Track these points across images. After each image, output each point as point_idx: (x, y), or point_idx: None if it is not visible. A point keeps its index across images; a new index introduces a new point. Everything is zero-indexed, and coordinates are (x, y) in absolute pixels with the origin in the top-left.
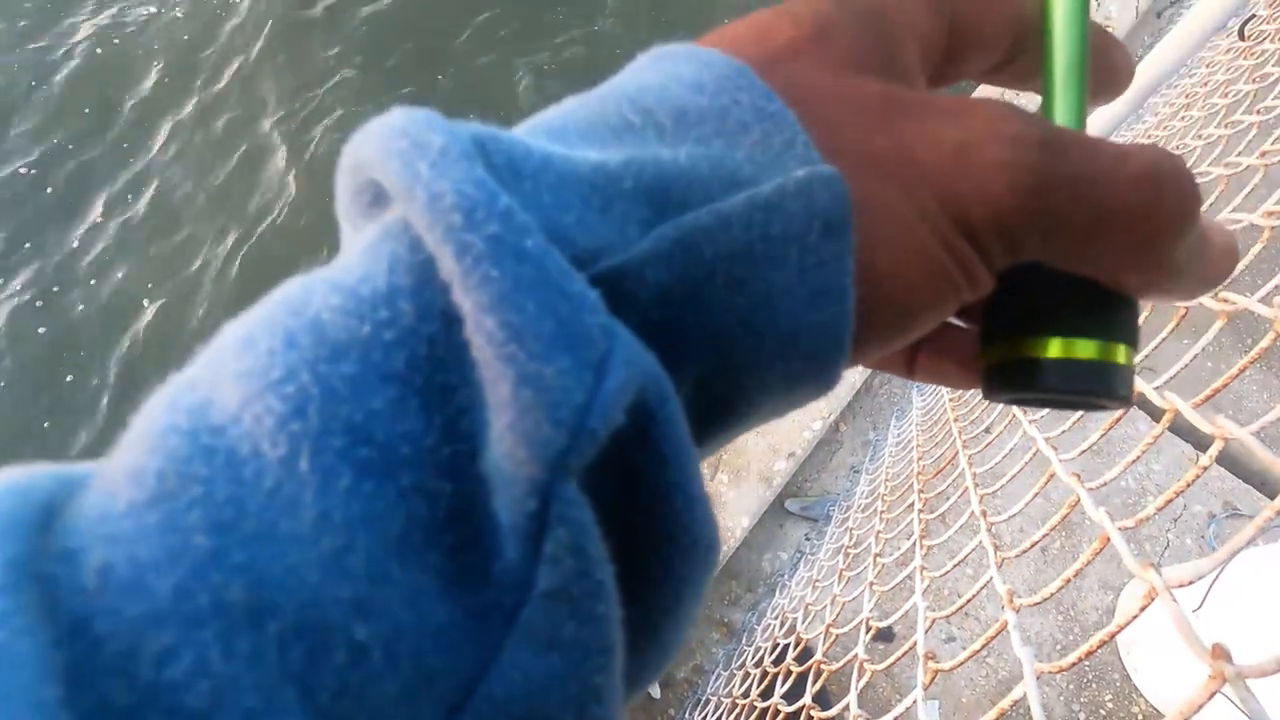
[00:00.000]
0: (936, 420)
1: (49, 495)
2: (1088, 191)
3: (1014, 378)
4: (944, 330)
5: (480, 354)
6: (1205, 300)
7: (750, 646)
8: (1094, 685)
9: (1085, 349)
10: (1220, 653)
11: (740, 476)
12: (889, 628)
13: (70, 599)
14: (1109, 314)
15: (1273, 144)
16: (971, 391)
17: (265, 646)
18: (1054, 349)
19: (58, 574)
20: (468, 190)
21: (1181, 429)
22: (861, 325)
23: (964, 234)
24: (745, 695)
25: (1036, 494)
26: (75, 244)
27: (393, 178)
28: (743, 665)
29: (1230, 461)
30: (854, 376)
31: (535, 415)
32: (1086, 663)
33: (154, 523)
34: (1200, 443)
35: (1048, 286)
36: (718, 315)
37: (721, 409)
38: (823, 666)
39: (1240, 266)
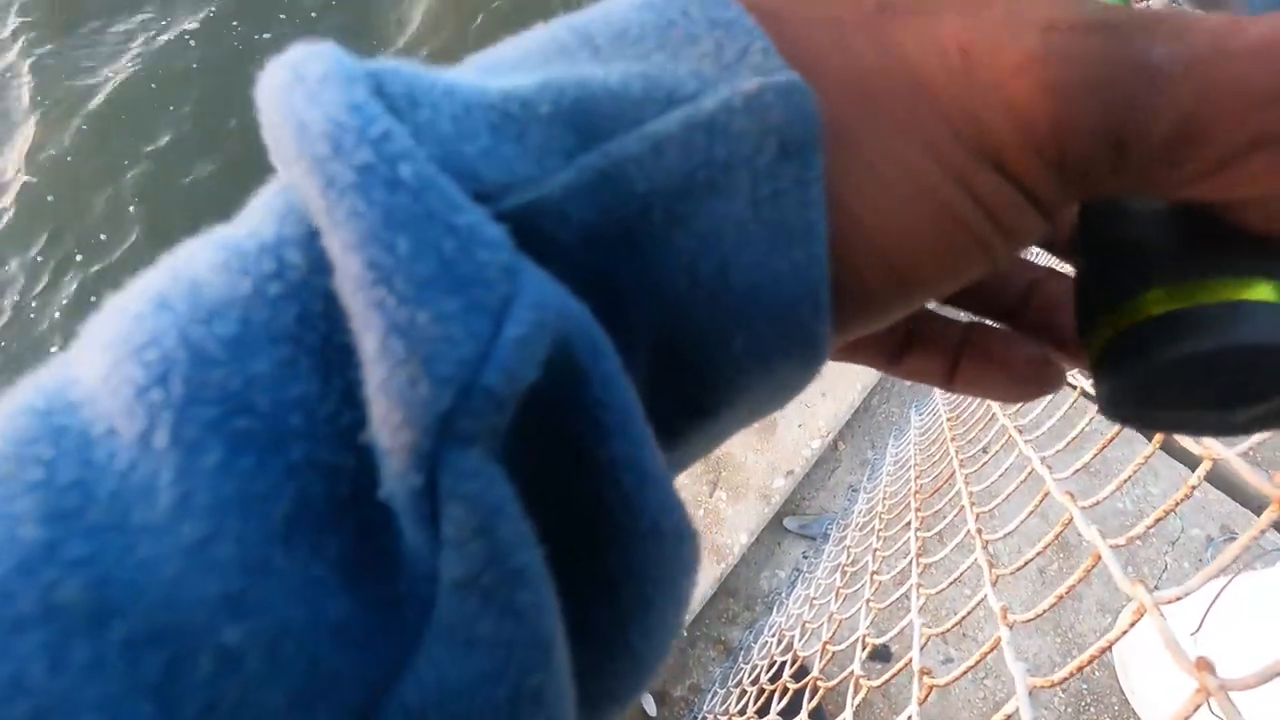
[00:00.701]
0: (934, 439)
1: None
2: (1182, 75)
3: (1174, 338)
4: (987, 333)
5: (350, 303)
6: None
7: (747, 664)
8: (1092, 708)
9: (1263, 291)
10: (1205, 665)
11: (739, 493)
12: (886, 647)
13: None
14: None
15: None
16: (969, 410)
17: (109, 655)
18: (1230, 291)
19: None
20: (339, 117)
21: (1176, 452)
22: (848, 285)
23: (993, 166)
24: (742, 713)
25: (1031, 512)
26: None
27: (270, 113)
28: (739, 683)
29: (1227, 485)
30: (852, 395)
31: (408, 370)
32: (1084, 685)
33: None
34: (1193, 465)
35: (1165, 223)
36: (659, 262)
37: (694, 389)
38: (819, 683)
39: None
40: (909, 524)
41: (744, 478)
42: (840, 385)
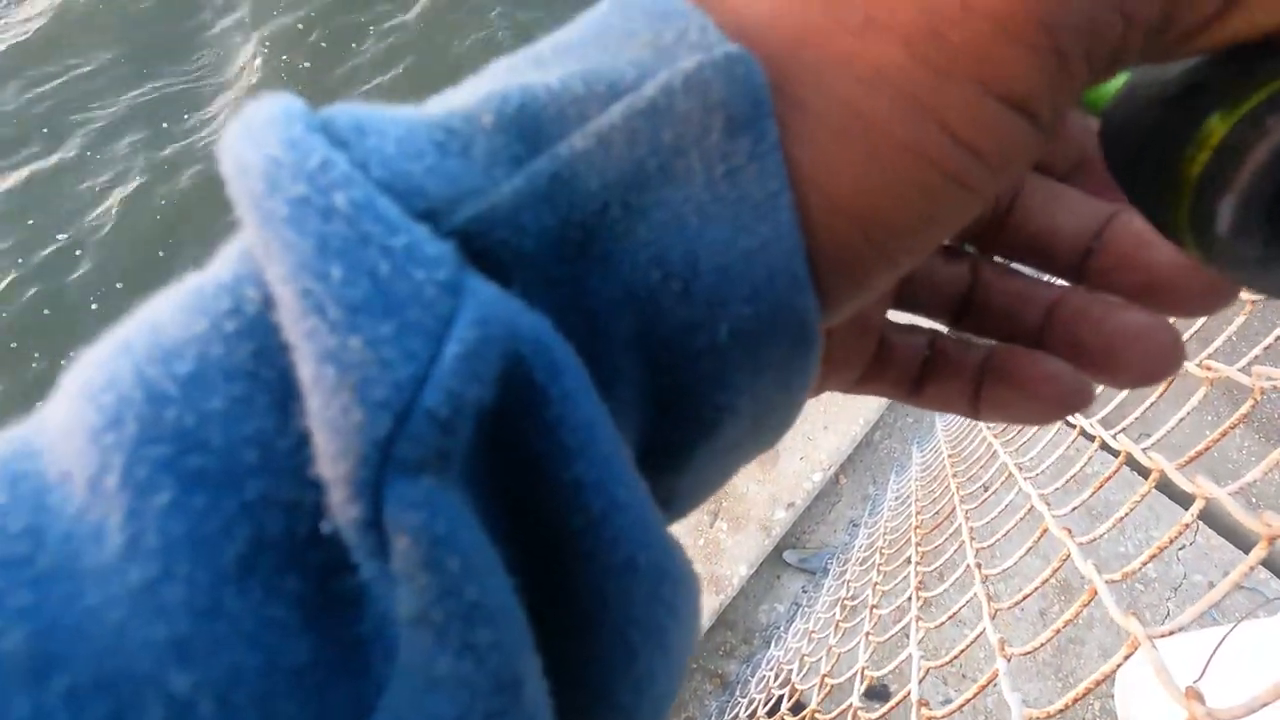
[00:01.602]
0: (935, 476)
1: None
2: None
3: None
4: (1009, 355)
5: (289, 336)
6: (1190, 367)
7: (744, 698)
8: None
9: None
10: (1194, 695)
11: (739, 524)
12: (884, 686)
13: None
14: None
15: None
16: (971, 448)
17: (50, 708)
18: None
19: None
20: (275, 154)
21: (1178, 496)
22: (824, 251)
23: (965, 81)
24: None
25: (1030, 549)
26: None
27: (223, 163)
28: (736, 717)
29: (1227, 531)
30: (855, 429)
31: (342, 399)
32: None
33: None
34: (1188, 506)
35: (1175, 80)
36: (626, 260)
37: (686, 397)
38: (817, 716)
39: (1224, 336)
40: (909, 559)
41: (745, 509)
42: (842, 419)
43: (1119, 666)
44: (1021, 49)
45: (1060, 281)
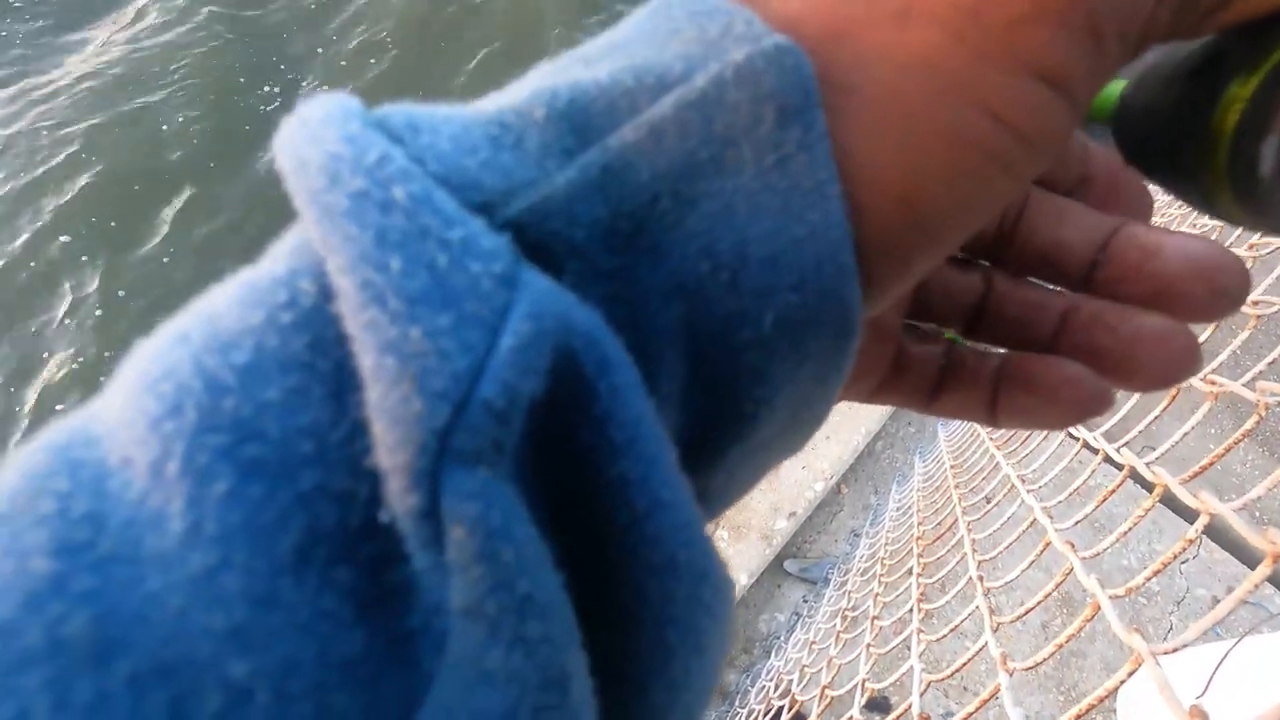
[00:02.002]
0: (937, 487)
1: None
2: None
3: None
4: (1025, 361)
5: (349, 326)
6: (1195, 382)
7: (744, 709)
8: None
9: None
10: (1198, 713)
11: (740, 533)
12: (885, 698)
13: None
14: None
15: (1260, 237)
16: (974, 459)
17: (113, 692)
18: None
19: None
20: (335, 149)
21: (1182, 510)
22: (869, 236)
23: (1006, 66)
24: None
25: (1033, 562)
26: None
27: (280, 160)
28: None
29: (1232, 546)
30: (856, 439)
31: (402, 389)
32: None
33: None
34: (1194, 522)
35: (1192, 55)
36: (676, 250)
37: (727, 387)
38: None
39: (1229, 351)
40: (911, 570)
41: (746, 517)
42: (844, 429)
43: (1122, 682)
44: (1060, 29)
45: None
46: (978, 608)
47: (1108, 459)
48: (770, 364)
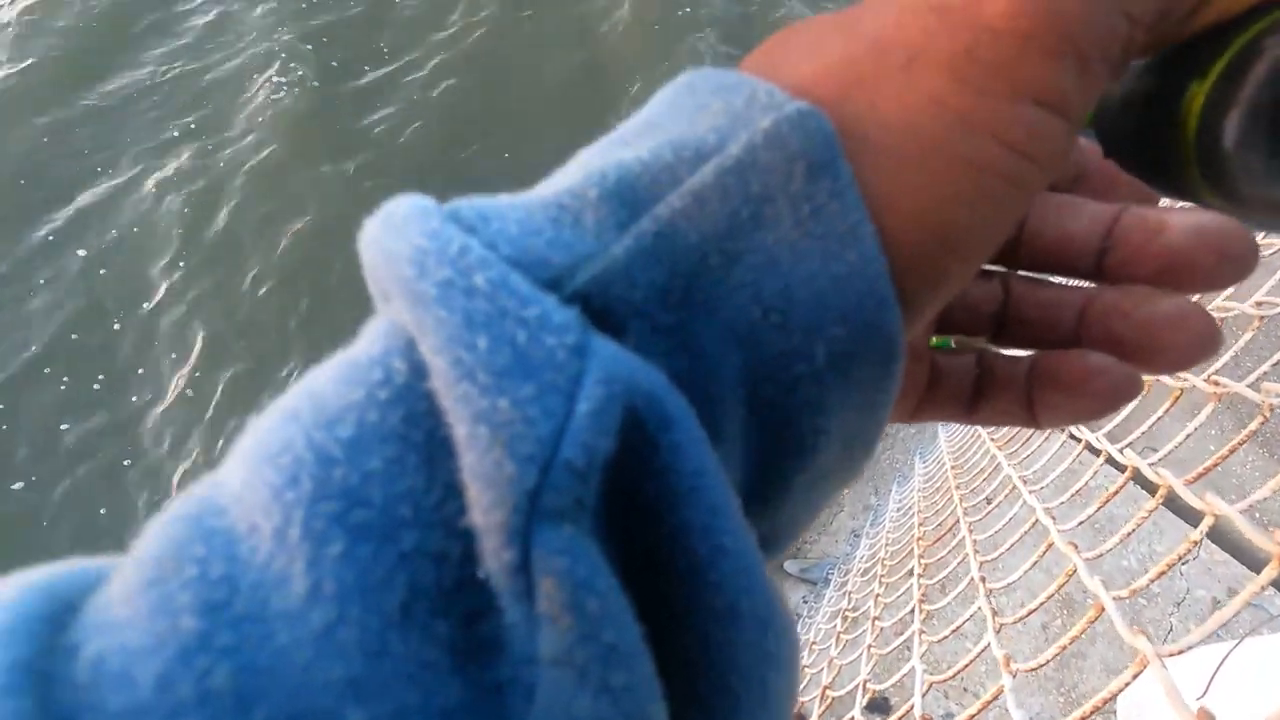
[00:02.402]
0: (938, 488)
1: (74, 590)
2: None
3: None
4: (1053, 359)
5: (443, 400)
6: (1198, 383)
7: None
8: None
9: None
10: (1206, 716)
11: None
12: (885, 699)
13: (63, 696)
14: None
15: (1264, 238)
16: (974, 460)
17: None
18: None
19: (57, 671)
20: (420, 243)
21: (1183, 510)
22: (902, 263)
23: (1007, 97)
24: None
25: (1035, 563)
26: None
27: (367, 255)
28: None
29: (1233, 547)
30: None
31: (494, 454)
32: None
33: (146, 607)
34: (1196, 523)
35: (1152, 67)
36: (727, 301)
37: (788, 426)
38: None
39: (1231, 352)
40: (911, 570)
41: None
42: None
43: (1128, 685)
44: (1049, 60)
45: (1088, 284)
46: (980, 609)
47: (1110, 460)
48: (824, 394)
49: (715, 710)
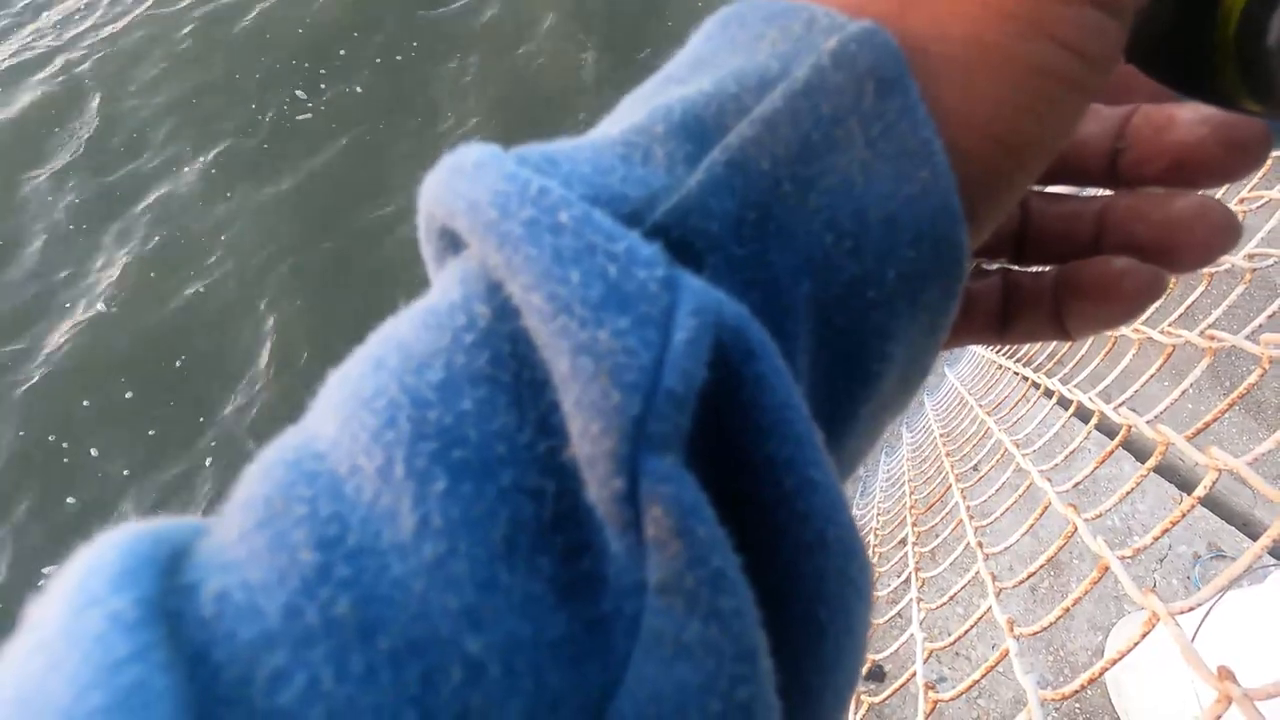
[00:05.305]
0: (927, 457)
1: (178, 539)
2: None
3: None
4: (1076, 269)
5: (538, 337)
6: (1192, 338)
7: None
8: None
9: None
10: (1226, 674)
11: None
12: (880, 667)
13: (191, 630)
14: None
15: (1250, 191)
16: (962, 428)
17: (379, 665)
18: None
19: (181, 608)
20: (500, 187)
21: (1166, 468)
22: (968, 176)
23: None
24: None
25: (1032, 525)
26: None
27: (444, 205)
28: None
29: (1213, 503)
30: None
31: (600, 384)
32: (1077, 705)
33: (263, 544)
34: (1184, 483)
35: None
36: (802, 229)
37: (854, 359)
38: None
39: (1222, 307)
40: (904, 540)
41: None
42: None
43: (1136, 644)
44: None
45: (1103, 192)
46: (979, 573)
47: (1101, 422)
48: (892, 319)
49: (803, 642)
